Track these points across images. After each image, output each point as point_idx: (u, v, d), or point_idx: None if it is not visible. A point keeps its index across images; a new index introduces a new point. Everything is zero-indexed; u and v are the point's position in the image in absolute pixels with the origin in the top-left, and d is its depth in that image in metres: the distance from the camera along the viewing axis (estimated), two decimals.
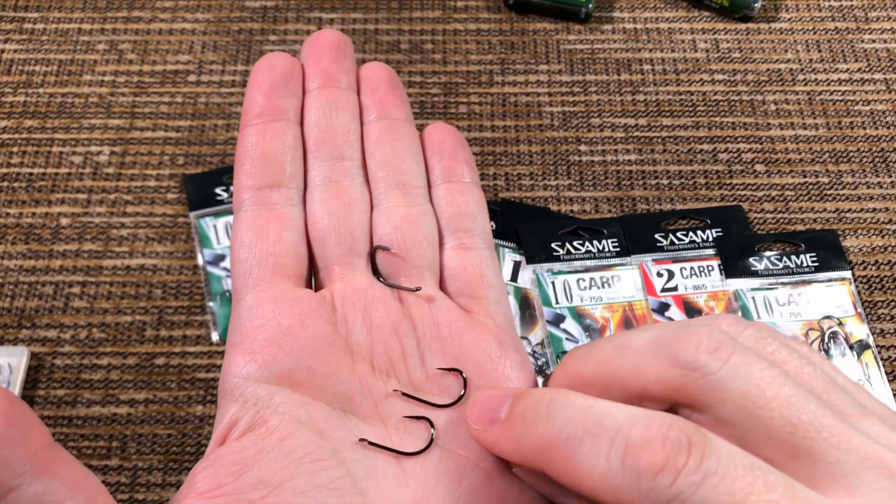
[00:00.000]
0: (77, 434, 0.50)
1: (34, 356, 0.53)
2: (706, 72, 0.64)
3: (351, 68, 0.31)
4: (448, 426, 0.26)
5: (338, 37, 0.31)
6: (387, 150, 0.30)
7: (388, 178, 0.29)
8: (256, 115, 0.29)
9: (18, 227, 0.57)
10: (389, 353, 0.26)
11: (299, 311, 0.26)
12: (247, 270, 0.27)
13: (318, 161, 0.29)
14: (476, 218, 0.30)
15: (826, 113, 0.62)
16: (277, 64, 0.29)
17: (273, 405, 0.24)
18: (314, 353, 0.25)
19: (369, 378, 0.26)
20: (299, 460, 0.23)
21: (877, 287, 0.55)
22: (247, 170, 0.28)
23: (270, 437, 0.24)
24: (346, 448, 0.24)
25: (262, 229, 0.27)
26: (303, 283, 0.28)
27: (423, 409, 0.26)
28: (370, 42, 0.65)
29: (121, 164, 0.59)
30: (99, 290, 0.55)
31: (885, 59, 0.65)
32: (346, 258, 0.28)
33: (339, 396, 0.25)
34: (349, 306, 0.27)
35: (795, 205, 0.58)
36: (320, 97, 0.30)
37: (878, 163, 0.60)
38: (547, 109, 0.62)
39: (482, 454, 0.25)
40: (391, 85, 0.31)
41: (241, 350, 0.25)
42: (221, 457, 0.24)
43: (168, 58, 0.64)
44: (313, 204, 0.28)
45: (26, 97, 0.62)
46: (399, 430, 0.25)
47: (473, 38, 0.66)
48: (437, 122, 0.31)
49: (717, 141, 0.61)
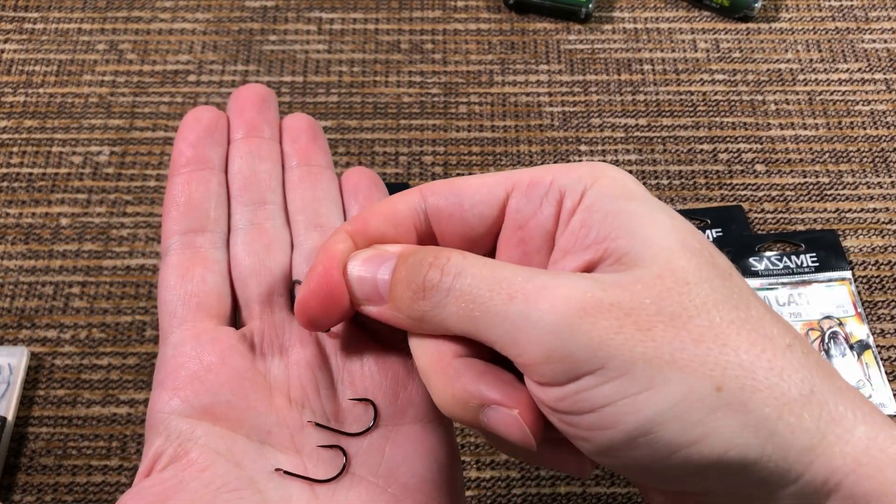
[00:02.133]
0: (77, 434, 0.50)
1: (34, 356, 0.53)
2: (706, 72, 0.64)
3: (274, 119, 0.33)
4: (360, 454, 0.28)
5: (262, 90, 0.33)
6: (306, 195, 0.32)
7: (307, 220, 0.31)
8: (183, 165, 0.31)
9: (18, 227, 0.57)
10: (305, 387, 0.28)
11: (220, 349, 0.28)
12: (171, 311, 0.28)
13: (241, 206, 0.31)
14: None
15: (826, 113, 0.62)
16: (203, 117, 0.31)
17: (194, 438, 0.26)
18: (233, 389, 0.27)
19: (285, 410, 0.28)
20: (217, 490, 0.25)
21: (877, 287, 0.55)
22: (173, 216, 0.30)
23: (191, 469, 0.25)
24: (263, 477, 0.26)
25: (187, 272, 0.29)
26: (226, 321, 0.29)
27: (336, 438, 0.28)
28: (370, 42, 0.65)
29: (121, 164, 0.59)
30: (99, 290, 0.55)
31: (885, 58, 0.65)
32: (267, 297, 0.30)
33: (256, 429, 0.27)
34: (268, 343, 0.29)
35: (796, 205, 0.58)
36: (244, 146, 0.32)
37: (879, 163, 0.60)
38: (547, 109, 0.62)
39: (391, 480, 0.27)
40: (312, 135, 0.33)
41: (165, 386, 0.27)
42: (145, 488, 0.25)
43: (168, 58, 0.64)
44: (236, 246, 0.30)
45: (26, 97, 0.62)
46: (314, 459, 0.27)
47: (473, 38, 0.66)
48: (355, 166, 0.34)
49: (718, 141, 0.61)
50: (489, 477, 0.50)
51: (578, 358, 0.21)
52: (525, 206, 0.25)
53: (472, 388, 0.23)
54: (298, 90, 0.63)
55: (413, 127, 0.61)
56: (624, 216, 0.23)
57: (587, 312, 0.21)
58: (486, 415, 0.23)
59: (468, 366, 0.24)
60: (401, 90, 0.63)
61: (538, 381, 0.22)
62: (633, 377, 0.21)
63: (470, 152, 0.60)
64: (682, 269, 0.22)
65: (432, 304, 0.23)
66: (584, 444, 0.23)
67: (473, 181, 0.26)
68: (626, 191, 0.24)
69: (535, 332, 0.21)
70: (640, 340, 0.21)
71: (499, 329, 0.22)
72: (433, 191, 0.26)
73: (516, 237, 0.25)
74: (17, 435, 0.50)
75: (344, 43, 0.65)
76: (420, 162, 0.60)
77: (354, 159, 0.60)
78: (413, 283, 0.24)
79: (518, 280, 0.22)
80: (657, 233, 0.23)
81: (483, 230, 0.26)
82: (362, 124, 0.61)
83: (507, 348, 0.22)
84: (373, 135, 0.61)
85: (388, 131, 0.61)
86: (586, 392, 0.21)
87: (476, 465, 0.50)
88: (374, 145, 0.61)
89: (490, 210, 0.26)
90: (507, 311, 0.22)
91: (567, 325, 0.21)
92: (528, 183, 0.25)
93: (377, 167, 0.59)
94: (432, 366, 0.24)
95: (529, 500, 0.49)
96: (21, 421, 0.50)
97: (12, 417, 0.50)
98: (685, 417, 0.21)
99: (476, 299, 0.22)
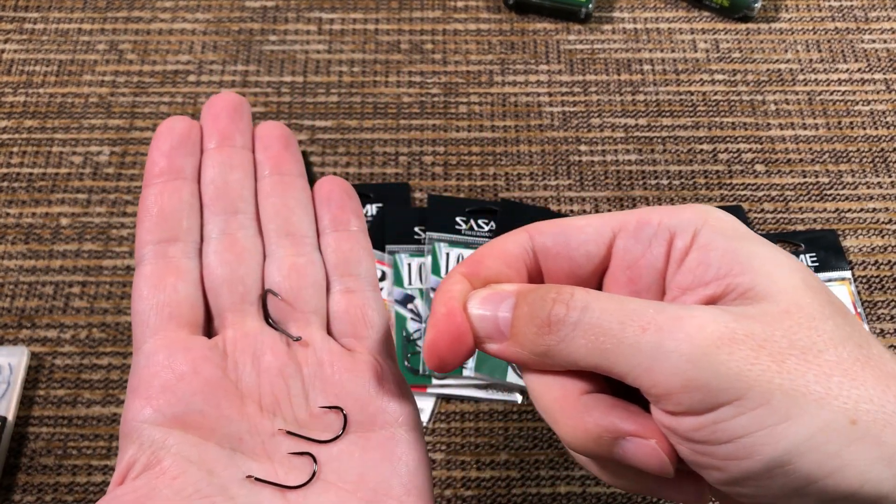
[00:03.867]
0: (77, 434, 0.50)
1: (34, 356, 0.53)
2: (706, 72, 0.64)
3: (247, 128, 0.33)
4: (330, 460, 0.28)
5: (235, 99, 0.33)
6: (278, 204, 0.32)
7: (278, 229, 0.32)
8: (156, 175, 0.31)
9: (18, 227, 0.57)
10: (276, 394, 0.29)
11: (192, 358, 0.28)
12: (144, 321, 0.29)
13: (213, 215, 0.31)
14: (361, 263, 0.32)
15: (826, 113, 0.62)
16: (176, 127, 0.32)
17: (167, 446, 0.26)
18: (205, 397, 0.28)
19: (257, 418, 0.28)
20: (189, 497, 0.26)
21: (877, 287, 0.55)
22: (146, 226, 0.30)
23: (163, 477, 0.26)
24: (234, 484, 0.27)
25: (160, 281, 0.29)
26: (199, 330, 0.30)
27: (307, 445, 0.28)
28: (370, 42, 0.65)
29: (121, 164, 0.59)
30: (99, 289, 0.55)
31: (884, 59, 0.65)
32: (238, 306, 0.30)
33: (228, 436, 0.27)
34: (239, 351, 0.29)
35: (795, 205, 0.58)
36: (216, 156, 0.32)
37: (878, 163, 0.60)
38: (547, 109, 0.62)
39: (360, 485, 0.28)
40: (284, 143, 0.33)
41: (138, 395, 0.27)
42: (118, 497, 0.26)
43: (168, 58, 0.64)
44: (208, 255, 0.31)
45: (26, 97, 0.62)
46: (285, 466, 0.28)
47: (473, 39, 0.66)
48: (327, 175, 0.34)
49: (717, 141, 0.61)
50: (489, 477, 0.50)
51: (717, 388, 0.21)
52: (633, 246, 0.26)
53: (606, 421, 0.24)
54: (298, 90, 0.63)
55: (413, 127, 0.62)
56: (744, 254, 0.24)
57: (723, 342, 0.22)
58: (623, 447, 0.24)
59: (597, 400, 0.24)
60: (401, 90, 0.63)
61: (672, 412, 0.23)
62: (771, 408, 0.21)
63: (470, 152, 0.60)
64: (807, 306, 0.22)
65: (558, 338, 0.24)
66: (716, 474, 0.23)
67: (579, 221, 0.27)
68: (738, 230, 0.25)
69: (671, 362, 0.22)
70: (776, 372, 0.21)
71: (631, 360, 0.22)
72: (540, 230, 0.27)
73: (625, 276, 0.26)
74: (17, 435, 0.50)
75: (344, 43, 0.65)
76: (420, 162, 0.60)
77: (354, 159, 0.60)
78: (537, 318, 0.24)
79: (649, 312, 0.23)
80: (779, 270, 0.23)
81: (590, 269, 0.26)
82: (362, 124, 0.61)
83: (639, 379, 0.23)
84: (373, 135, 0.61)
85: (388, 131, 0.61)
86: (724, 423, 0.22)
87: (476, 465, 0.50)
88: (374, 145, 0.61)
89: (597, 249, 0.26)
90: (639, 343, 0.22)
91: (704, 355, 0.21)
92: (635, 223, 0.26)
93: (377, 167, 0.60)
94: (558, 403, 0.25)
95: (529, 499, 0.49)
96: (21, 421, 0.50)
97: (12, 417, 0.50)
98: (822, 449, 0.21)
99: (606, 332, 0.23)
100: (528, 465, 0.50)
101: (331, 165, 0.60)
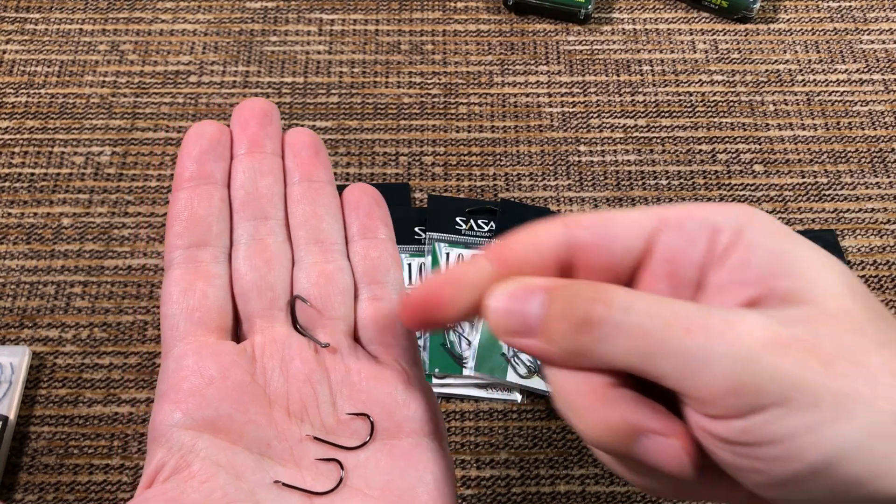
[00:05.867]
0: (79, 433, 0.51)
1: (36, 356, 0.53)
2: (705, 72, 0.64)
3: (276, 134, 0.33)
4: (357, 467, 0.28)
5: (265, 105, 0.33)
6: (307, 210, 0.32)
7: (307, 236, 0.32)
8: (187, 180, 0.31)
9: (20, 227, 0.57)
10: (304, 400, 0.29)
11: (221, 363, 0.28)
12: (174, 325, 0.29)
13: (243, 221, 0.31)
14: (389, 271, 0.32)
15: (825, 113, 0.63)
16: (206, 131, 0.32)
17: (196, 450, 0.27)
18: (234, 402, 0.28)
19: (285, 424, 0.28)
20: (217, 501, 0.26)
21: (875, 287, 0.56)
22: (176, 231, 0.30)
23: (192, 481, 0.26)
24: (262, 489, 0.27)
25: (189, 286, 0.29)
26: (227, 335, 0.30)
27: (334, 451, 0.28)
28: (370, 43, 0.65)
29: (122, 164, 0.60)
30: (100, 289, 0.55)
31: (883, 59, 0.65)
32: (267, 311, 0.30)
33: (256, 441, 0.28)
34: (268, 357, 0.29)
35: (794, 205, 0.59)
36: (246, 161, 0.32)
37: (877, 163, 0.60)
38: (546, 110, 0.63)
39: (386, 493, 0.28)
40: (314, 150, 0.34)
41: (167, 399, 0.28)
42: (147, 499, 0.26)
43: (169, 58, 0.64)
44: (238, 261, 0.31)
45: (28, 98, 0.62)
46: (312, 472, 0.28)
47: (473, 39, 0.66)
48: (357, 182, 0.34)
49: (716, 141, 0.61)
50: (489, 476, 0.50)
51: (766, 390, 0.21)
52: (676, 241, 0.25)
53: (630, 416, 0.23)
54: (299, 91, 0.63)
55: (413, 127, 0.62)
56: (788, 256, 0.24)
57: (771, 345, 0.21)
58: (643, 444, 0.23)
59: (623, 395, 0.24)
60: (401, 91, 0.63)
61: (714, 415, 0.22)
62: (819, 409, 0.21)
63: (470, 152, 0.61)
64: (851, 310, 0.22)
65: (596, 338, 0.23)
66: (756, 477, 0.23)
67: (621, 215, 0.26)
68: (783, 231, 0.24)
69: (718, 365, 0.22)
70: (824, 374, 0.21)
71: (675, 363, 0.22)
72: (579, 223, 0.26)
73: (665, 271, 0.25)
74: (18, 434, 0.50)
75: (344, 44, 0.65)
76: (420, 162, 0.60)
77: (355, 159, 0.60)
78: (574, 317, 0.23)
79: (695, 314, 0.22)
80: (823, 274, 0.23)
81: (628, 263, 0.26)
82: (362, 125, 0.62)
83: (681, 381, 0.22)
84: (373, 135, 0.61)
85: (389, 132, 0.61)
86: (772, 424, 0.21)
87: (476, 464, 0.50)
88: (374, 146, 0.61)
89: (637, 243, 0.25)
90: (685, 345, 0.22)
91: (754, 358, 0.21)
92: (680, 217, 0.25)
93: (377, 167, 0.60)
94: (582, 394, 0.24)
95: (529, 498, 0.49)
96: (23, 420, 0.51)
97: (14, 417, 0.50)
98: (871, 451, 0.21)
99: (650, 333, 0.22)
100: (528, 464, 0.50)
101: (331, 166, 0.60)
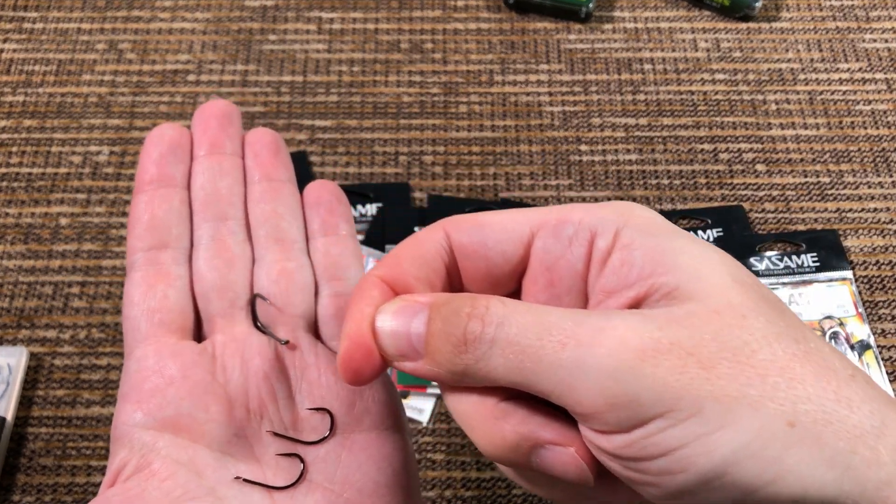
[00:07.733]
0: (77, 434, 0.50)
1: (33, 356, 0.52)
2: (707, 71, 0.64)
3: (237, 134, 0.33)
4: (317, 461, 0.28)
5: (225, 106, 0.33)
6: (267, 209, 0.32)
7: (268, 234, 0.32)
8: (147, 183, 0.31)
9: (18, 226, 0.57)
10: (263, 397, 0.29)
11: (181, 363, 0.28)
12: (135, 327, 0.29)
13: (203, 222, 0.31)
14: (349, 267, 0.32)
15: (827, 113, 0.62)
16: (167, 134, 0.32)
17: (156, 449, 0.27)
18: (194, 401, 0.28)
19: (245, 421, 0.29)
20: (178, 499, 0.26)
21: (878, 287, 0.55)
22: (137, 234, 0.30)
23: (153, 479, 0.26)
24: (223, 486, 0.27)
25: (150, 288, 0.30)
26: (188, 335, 0.30)
27: (295, 447, 0.29)
28: (370, 42, 0.65)
29: (120, 163, 0.59)
30: (98, 290, 0.55)
31: (885, 58, 0.65)
32: (228, 311, 0.30)
33: (217, 439, 0.28)
34: (228, 356, 0.29)
35: (796, 205, 0.58)
36: (206, 163, 0.32)
37: (879, 162, 0.60)
38: (547, 109, 0.62)
39: (346, 486, 0.28)
40: (274, 149, 0.33)
41: (129, 399, 0.28)
42: (109, 498, 0.26)
43: (167, 57, 0.64)
44: (198, 262, 0.31)
45: (25, 97, 0.62)
46: (273, 468, 0.28)
47: (473, 38, 0.66)
48: (318, 180, 0.34)
49: (718, 141, 0.61)
50: (489, 477, 0.50)
51: (644, 402, 0.20)
52: (553, 247, 0.24)
53: (523, 429, 0.22)
54: (298, 90, 0.63)
55: (413, 127, 0.61)
56: (668, 251, 0.23)
57: (648, 354, 0.20)
58: (540, 455, 0.23)
59: (515, 407, 0.23)
60: (401, 90, 0.63)
61: (599, 430, 0.21)
62: (703, 417, 0.20)
63: (470, 152, 0.60)
64: (737, 303, 0.21)
65: (475, 357, 0.22)
66: (652, 490, 0.22)
67: (496, 217, 0.25)
68: (662, 226, 0.24)
69: (593, 379, 0.21)
70: (706, 379, 0.20)
71: (553, 378, 0.21)
72: (456, 227, 0.25)
73: (544, 278, 0.25)
74: (16, 435, 0.50)
75: (344, 42, 0.65)
76: (420, 162, 0.60)
77: (354, 159, 0.60)
78: (452, 335, 0.22)
79: (568, 325, 0.21)
80: (706, 267, 0.22)
81: (507, 269, 0.25)
82: (362, 124, 0.61)
83: (563, 397, 0.21)
84: (373, 134, 0.61)
85: (388, 131, 0.61)
86: (655, 437, 0.20)
87: (476, 465, 0.50)
88: (373, 145, 0.60)
89: (514, 249, 0.25)
90: (560, 360, 0.21)
91: (628, 370, 0.20)
92: (554, 222, 0.24)
93: (377, 167, 0.59)
94: (475, 411, 0.23)
95: (529, 499, 0.49)
96: (20, 421, 0.50)
97: (11, 418, 0.50)
98: (760, 455, 0.20)
99: (525, 349, 0.21)
100: None
101: (330, 165, 0.59)
